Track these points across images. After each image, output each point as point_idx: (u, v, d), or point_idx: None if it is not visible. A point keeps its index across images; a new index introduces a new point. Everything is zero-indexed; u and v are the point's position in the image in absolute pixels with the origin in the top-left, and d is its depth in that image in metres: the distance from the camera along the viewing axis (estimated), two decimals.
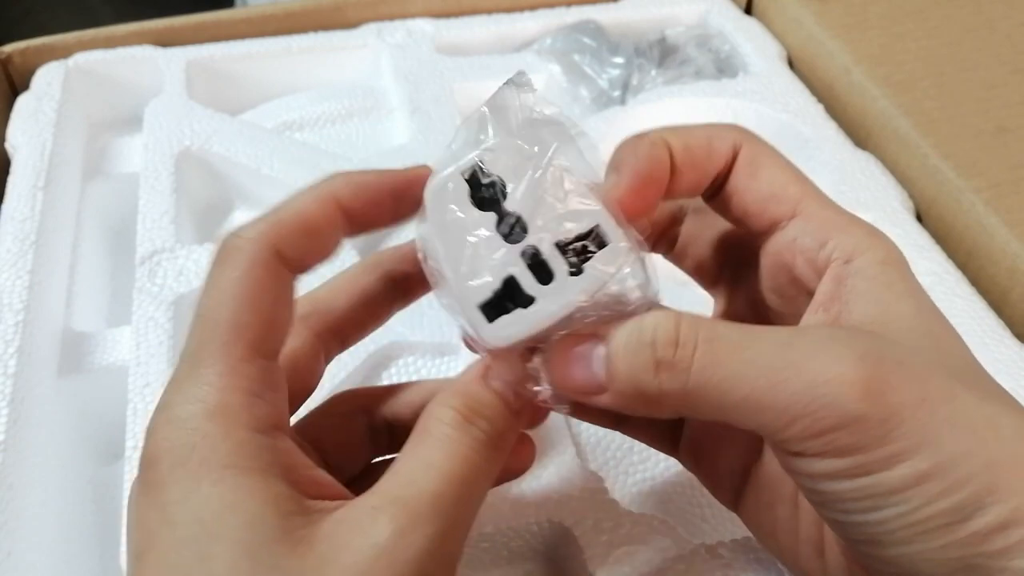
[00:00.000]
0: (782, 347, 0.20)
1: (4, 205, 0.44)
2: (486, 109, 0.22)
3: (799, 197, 0.23)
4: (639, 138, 0.23)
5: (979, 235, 0.42)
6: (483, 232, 0.21)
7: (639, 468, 0.37)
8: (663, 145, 0.23)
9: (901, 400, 0.19)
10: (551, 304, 0.21)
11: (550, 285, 0.21)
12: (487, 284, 0.21)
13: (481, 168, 0.21)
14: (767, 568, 0.31)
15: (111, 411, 0.37)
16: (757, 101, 0.51)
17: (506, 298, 0.21)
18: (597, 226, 0.21)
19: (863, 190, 0.46)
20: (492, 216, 0.21)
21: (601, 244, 0.21)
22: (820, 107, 0.51)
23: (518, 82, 0.23)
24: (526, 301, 0.21)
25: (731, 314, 0.28)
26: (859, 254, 0.23)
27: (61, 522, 0.36)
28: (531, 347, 0.22)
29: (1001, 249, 0.41)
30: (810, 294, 0.24)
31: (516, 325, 0.21)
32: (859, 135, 0.50)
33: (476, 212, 0.21)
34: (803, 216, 0.23)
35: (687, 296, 0.34)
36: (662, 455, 0.38)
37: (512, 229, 0.21)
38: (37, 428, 0.36)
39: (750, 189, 0.24)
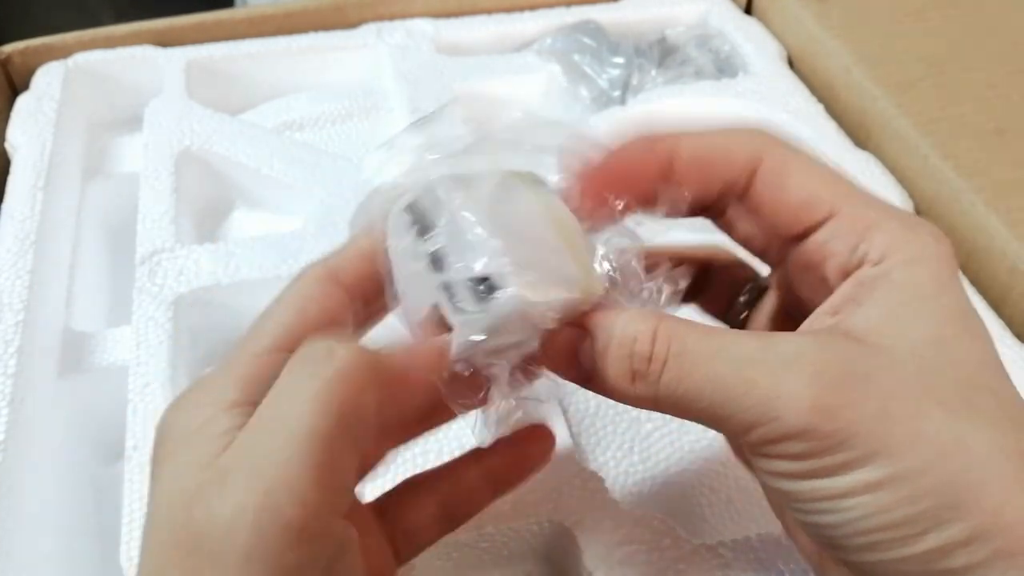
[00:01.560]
0: (744, 363, 0.21)
1: (4, 205, 0.44)
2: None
3: (833, 199, 0.23)
4: (643, 137, 0.23)
5: (979, 235, 0.42)
6: (418, 262, 0.22)
7: (639, 468, 0.37)
8: (659, 147, 0.23)
9: (856, 414, 0.20)
10: (461, 335, 0.22)
11: (463, 316, 0.22)
12: (423, 310, 0.23)
13: (415, 204, 0.23)
14: (767, 568, 0.31)
15: (111, 411, 0.37)
16: (757, 101, 0.51)
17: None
18: (490, 275, 0.22)
19: None
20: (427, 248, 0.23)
21: (493, 287, 0.22)
22: (820, 107, 0.51)
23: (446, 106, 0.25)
24: (448, 328, 0.22)
25: (781, 286, 0.27)
26: (890, 254, 0.22)
27: (61, 522, 0.36)
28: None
29: (1001, 249, 0.41)
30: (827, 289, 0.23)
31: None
32: (859, 135, 0.50)
33: (417, 242, 0.22)
34: (837, 218, 0.23)
35: None
36: (663, 455, 0.38)
37: (436, 263, 0.22)
38: (37, 428, 0.36)
39: (779, 199, 0.23)
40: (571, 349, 0.23)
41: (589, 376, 0.23)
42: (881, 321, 0.22)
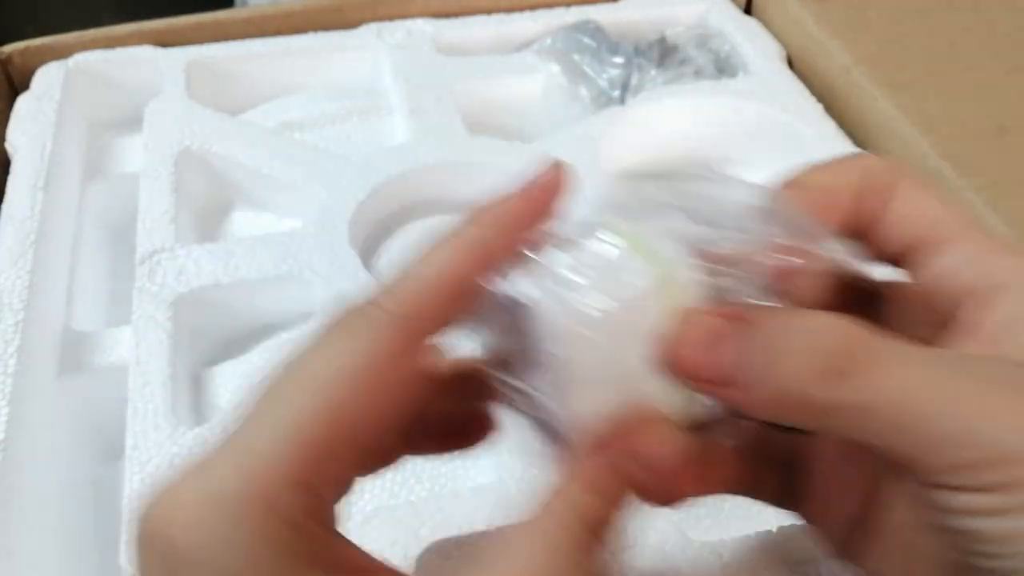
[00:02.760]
0: (941, 373, 0.19)
1: (4, 205, 0.44)
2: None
3: (958, 223, 0.22)
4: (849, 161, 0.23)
5: None
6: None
7: None
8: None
9: None
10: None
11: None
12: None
13: None
14: (767, 568, 0.31)
15: (111, 411, 0.37)
16: (757, 101, 0.51)
17: None
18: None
19: None
20: None
21: None
22: (820, 107, 0.51)
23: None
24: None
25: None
26: (1019, 282, 0.21)
27: (61, 522, 0.36)
28: None
29: None
30: (950, 321, 0.22)
31: None
32: (859, 135, 0.50)
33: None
34: (964, 241, 0.22)
35: None
36: None
37: None
38: (37, 428, 0.36)
39: (910, 219, 0.23)
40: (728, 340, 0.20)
41: (728, 381, 0.20)
42: None
